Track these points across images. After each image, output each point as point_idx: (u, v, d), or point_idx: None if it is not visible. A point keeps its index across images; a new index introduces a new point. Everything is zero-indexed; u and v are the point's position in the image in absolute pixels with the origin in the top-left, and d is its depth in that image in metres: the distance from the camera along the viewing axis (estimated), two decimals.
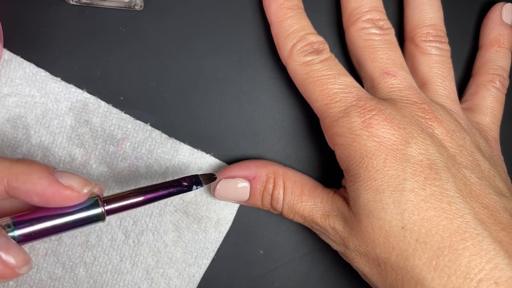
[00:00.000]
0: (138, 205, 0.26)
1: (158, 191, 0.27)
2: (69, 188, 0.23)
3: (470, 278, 0.24)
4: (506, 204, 0.27)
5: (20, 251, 0.22)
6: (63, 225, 0.24)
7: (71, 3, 0.31)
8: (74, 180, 0.24)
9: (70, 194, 0.23)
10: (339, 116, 0.28)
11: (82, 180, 0.24)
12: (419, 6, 0.33)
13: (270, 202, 0.31)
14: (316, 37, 0.30)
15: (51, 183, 0.23)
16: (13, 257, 0.22)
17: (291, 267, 0.35)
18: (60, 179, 0.23)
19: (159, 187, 0.27)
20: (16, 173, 0.23)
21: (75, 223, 0.24)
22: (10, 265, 0.22)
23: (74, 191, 0.23)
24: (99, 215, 0.25)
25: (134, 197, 0.26)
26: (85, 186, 0.24)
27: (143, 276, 0.33)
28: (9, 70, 0.30)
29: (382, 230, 0.26)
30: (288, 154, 0.34)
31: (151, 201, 0.27)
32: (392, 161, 0.26)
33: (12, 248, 0.22)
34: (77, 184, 0.24)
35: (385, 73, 0.30)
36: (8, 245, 0.22)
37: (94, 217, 0.25)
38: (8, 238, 0.22)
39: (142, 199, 0.26)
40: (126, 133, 0.32)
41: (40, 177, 0.23)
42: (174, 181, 0.28)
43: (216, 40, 0.33)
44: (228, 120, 0.33)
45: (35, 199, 0.23)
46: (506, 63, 0.35)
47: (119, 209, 0.26)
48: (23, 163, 0.24)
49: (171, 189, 0.27)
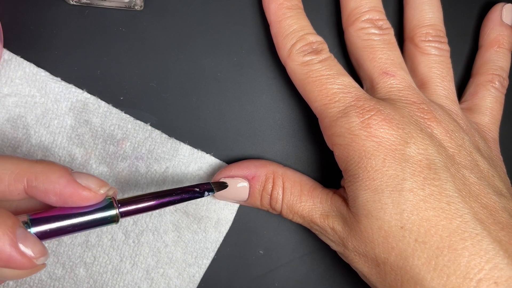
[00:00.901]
0: (151, 209, 0.27)
1: (171, 196, 0.27)
2: (86, 189, 0.24)
3: (470, 278, 0.24)
4: (505, 204, 0.27)
5: (38, 242, 0.23)
6: (78, 224, 0.24)
7: (71, 3, 0.31)
8: (92, 181, 0.24)
9: (88, 195, 0.24)
10: (338, 116, 0.28)
11: (99, 181, 0.25)
12: (419, 6, 0.33)
13: (269, 202, 0.31)
14: (315, 37, 0.30)
15: (69, 183, 0.24)
16: (31, 248, 0.22)
17: (291, 267, 0.35)
18: (78, 180, 0.24)
19: (172, 192, 0.27)
20: (36, 172, 0.24)
21: (90, 224, 0.25)
22: (28, 255, 0.22)
23: (92, 191, 0.24)
24: (113, 216, 0.25)
25: (147, 200, 0.26)
26: (101, 187, 0.25)
27: (143, 276, 0.33)
28: (9, 70, 0.30)
29: (381, 230, 0.26)
30: (288, 154, 0.34)
31: (164, 206, 0.27)
32: (391, 161, 0.26)
33: (30, 239, 0.22)
34: (94, 184, 0.24)
35: (384, 73, 0.30)
36: (26, 236, 0.22)
37: (109, 218, 0.25)
38: (25, 230, 0.23)
39: (155, 203, 0.26)
40: (126, 133, 0.32)
41: (59, 176, 0.24)
42: (188, 187, 0.28)
43: (216, 40, 0.33)
44: (228, 120, 0.33)
45: (53, 198, 0.24)
46: (505, 64, 0.35)
47: (132, 211, 0.26)
48: (42, 163, 0.24)
49: (184, 195, 0.28)
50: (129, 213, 0.26)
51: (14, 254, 0.22)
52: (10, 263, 0.22)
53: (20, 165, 0.24)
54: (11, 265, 0.22)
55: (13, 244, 0.22)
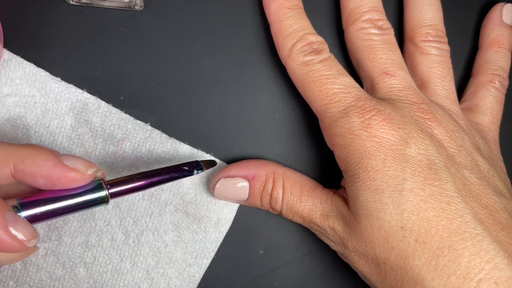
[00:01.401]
0: (140, 189, 0.27)
1: (160, 175, 0.27)
2: (74, 170, 0.24)
3: (470, 278, 0.24)
4: (505, 204, 0.27)
5: (28, 225, 0.23)
6: (68, 207, 0.24)
7: (71, 3, 0.31)
8: (79, 162, 0.24)
9: (75, 176, 0.24)
10: (338, 116, 0.28)
11: (86, 162, 0.25)
12: (419, 6, 0.33)
13: (269, 202, 0.31)
14: (315, 37, 0.30)
15: (56, 165, 0.24)
16: (21, 231, 0.22)
17: (291, 267, 0.35)
18: (65, 161, 0.24)
19: (161, 171, 0.27)
20: (22, 156, 0.24)
21: (80, 205, 0.25)
22: (19, 239, 0.22)
23: (79, 172, 0.24)
24: (103, 197, 0.25)
25: (137, 180, 0.26)
26: (89, 168, 0.25)
27: (143, 276, 0.33)
28: (9, 70, 0.30)
29: (382, 230, 0.26)
30: (288, 154, 0.34)
31: (154, 185, 0.27)
32: (391, 161, 0.26)
33: (20, 222, 0.23)
34: (82, 166, 0.24)
35: (384, 73, 0.30)
36: (16, 219, 0.22)
37: (99, 199, 0.25)
38: (15, 213, 0.23)
39: (144, 183, 0.27)
40: (126, 133, 0.32)
41: (46, 159, 0.24)
42: (176, 166, 0.28)
43: (216, 40, 0.33)
44: (228, 120, 0.33)
45: (41, 181, 0.24)
46: (505, 64, 0.35)
47: (122, 192, 0.26)
48: (28, 147, 0.24)
49: (173, 174, 0.28)
50: (119, 194, 0.26)
51: (4, 237, 0.22)
52: (1, 247, 0.22)
53: (6, 150, 0.24)
54: (2, 248, 0.22)
55: (3, 228, 0.22)
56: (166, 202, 0.33)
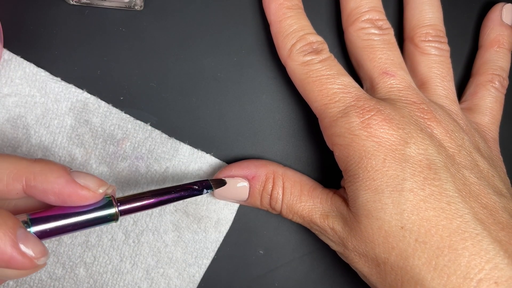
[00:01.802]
0: (150, 207, 0.27)
1: (170, 193, 0.27)
2: (85, 188, 0.24)
3: (470, 278, 0.23)
4: (505, 204, 0.27)
5: (38, 242, 0.23)
6: (77, 223, 0.24)
7: (71, 3, 0.31)
8: (90, 180, 0.24)
9: (86, 194, 0.24)
10: (338, 116, 0.28)
11: (97, 180, 0.25)
12: (419, 6, 0.33)
13: (269, 202, 0.31)
14: (315, 37, 0.30)
15: (68, 183, 0.24)
16: (31, 249, 0.22)
17: (291, 267, 0.35)
18: (77, 179, 0.24)
19: (171, 190, 0.27)
20: (35, 172, 0.24)
21: (89, 222, 0.25)
22: (29, 256, 0.22)
23: (90, 190, 0.24)
24: (112, 215, 0.25)
25: (147, 199, 0.26)
26: (100, 187, 0.24)
27: (143, 276, 0.33)
28: (9, 70, 0.30)
29: (382, 230, 0.26)
30: (288, 154, 0.34)
31: (163, 204, 0.27)
32: (391, 161, 0.26)
33: (30, 240, 0.22)
34: (93, 184, 0.24)
35: (384, 73, 0.30)
36: (26, 237, 0.22)
37: (108, 217, 0.25)
38: (26, 230, 0.23)
39: (154, 201, 0.26)
40: (126, 133, 0.32)
41: (58, 176, 0.24)
42: (186, 185, 0.28)
43: (216, 40, 0.33)
44: (228, 120, 0.33)
45: (52, 198, 0.24)
46: (505, 64, 0.35)
47: (132, 210, 0.26)
48: (41, 163, 0.24)
49: (183, 193, 0.28)
50: (129, 211, 0.26)
51: (15, 255, 0.22)
52: (11, 264, 0.22)
53: (19, 165, 0.24)
54: (12, 265, 0.22)
55: (14, 245, 0.22)
56: None
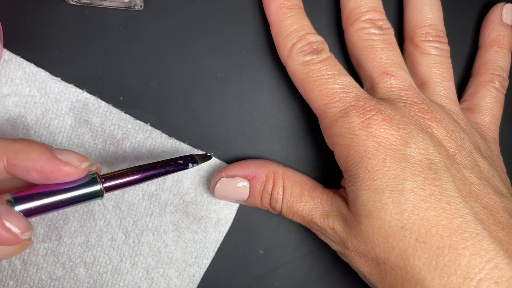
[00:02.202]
0: (135, 183, 0.27)
1: (155, 169, 0.27)
2: (67, 164, 0.24)
3: (470, 278, 0.23)
4: (505, 204, 0.27)
5: (21, 217, 0.23)
6: (62, 201, 0.24)
7: (71, 3, 0.31)
8: (72, 156, 0.24)
9: (69, 170, 0.24)
10: (338, 116, 0.28)
11: (80, 156, 0.25)
12: (419, 6, 0.33)
13: (269, 202, 0.31)
14: (315, 37, 0.30)
15: (50, 159, 0.24)
16: (14, 224, 0.22)
17: (291, 267, 0.35)
18: (59, 155, 0.24)
19: (156, 165, 0.27)
20: (15, 150, 0.24)
21: (74, 199, 0.25)
22: (13, 231, 0.22)
23: (73, 166, 0.24)
24: (98, 191, 0.25)
25: (131, 174, 0.26)
26: (83, 162, 0.25)
27: (143, 276, 0.33)
28: (9, 70, 0.30)
29: (382, 230, 0.26)
30: (288, 154, 0.34)
31: (149, 179, 0.27)
32: (392, 161, 0.26)
33: (13, 215, 0.23)
34: (75, 160, 0.24)
35: (384, 73, 0.30)
36: (9, 212, 0.23)
37: (93, 193, 0.25)
38: (8, 206, 0.23)
39: (139, 177, 0.26)
40: (126, 133, 0.32)
41: (39, 153, 0.24)
42: (171, 160, 0.28)
43: (216, 40, 0.33)
44: (228, 120, 0.33)
45: (34, 175, 0.24)
46: (505, 64, 0.35)
47: (117, 186, 0.26)
48: (21, 141, 0.24)
49: (168, 167, 0.28)
50: (114, 188, 0.26)
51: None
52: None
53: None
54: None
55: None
56: (166, 202, 0.33)
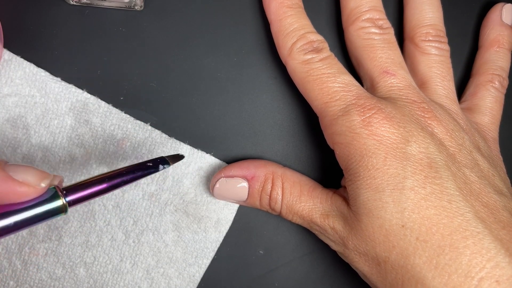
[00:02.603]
0: (102, 193, 0.24)
1: (122, 175, 0.24)
2: (24, 184, 0.21)
3: (471, 277, 0.23)
4: (505, 203, 0.27)
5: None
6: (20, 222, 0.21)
7: (71, 3, 0.31)
8: (30, 173, 0.22)
9: (26, 191, 0.21)
10: (338, 114, 0.28)
11: (38, 172, 0.22)
12: (419, 6, 0.33)
13: (268, 203, 0.31)
14: (316, 36, 0.30)
15: (3, 180, 0.21)
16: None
17: (291, 267, 0.35)
18: (13, 174, 0.21)
19: (123, 171, 0.25)
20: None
21: (34, 219, 0.22)
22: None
23: (30, 186, 0.21)
24: (60, 207, 0.22)
25: (97, 184, 0.24)
26: (42, 180, 0.22)
27: (143, 276, 0.33)
28: (9, 70, 0.30)
29: (382, 228, 0.26)
30: (288, 154, 0.34)
31: (117, 187, 0.24)
32: (392, 160, 0.26)
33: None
34: (33, 178, 0.22)
35: (384, 72, 0.30)
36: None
37: (56, 210, 0.22)
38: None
39: (106, 186, 0.24)
40: (126, 133, 0.32)
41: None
42: (139, 164, 0.26)
43: (216, 40, 0.33)
44: (228, 120, 0.33)
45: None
46: (505, 64, 0.35)
47: (82, 198, 0.23)
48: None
49: (136, 172, 0.25)
50: (78, 201, 0.23)
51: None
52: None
53: None
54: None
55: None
56: (166, 202, 0.33)
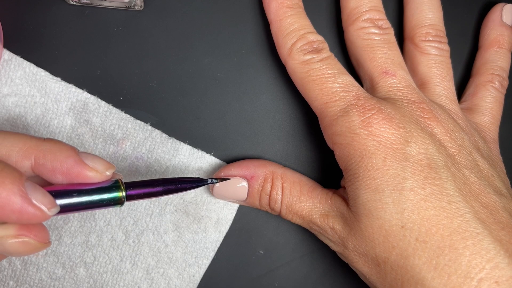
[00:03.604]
0: (156, 195, 0.26)
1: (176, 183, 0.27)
2: (93, 169, 0.24)
3: (471, 277, 0.23)
4: (505, 204, 0.27)
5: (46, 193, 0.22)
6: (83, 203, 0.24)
7: (71, 3, 0.31)
8: (98, 162, 0.24)
9: (94, 175, 0.24)
10: (338, 115, 0.28)
11: (105, 162, 0.25)
12: (419, 6, 0.33)
13: (268, 202, 0.31)
14: (316, 36, 0.30)
15: (77, 163, 0.24)
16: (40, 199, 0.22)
17: (291, 267, 0.35)
18: (85, 160, 0.24)
19: (177, 180, 0.27)
20: (44, 150, 0.24)
21: (95, 203, 0.24)
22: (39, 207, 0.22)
23: (98, 172, 0.24)
24: (119, 197, 0.25)
25: (154, 186, 0.26)
26: (108, 169, 0.25)
27: (143, 276, 0.33)
28: (9, 70, 0.30)
29: (382, 229, 0.26)
30: (288, 154, 0.34)
31: (170, 193, 0.27)
32: (392, 160, 0.26)
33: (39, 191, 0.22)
34: (101, 166, 0.24)
35: (384, 73, 0.30)
36: (34, 187, 0.22)
37: (116, 199, 0.25)
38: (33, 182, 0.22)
39: (161, 189, 0.26)
40: (126, 133, 0.32)
41: (67, 156, 0.24)
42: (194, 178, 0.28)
43: (216, 40, 0.33)
44: (228, 120, 0.33)
45: (59, 177, 0.24)
46: (505, 64, 0.35)
47: (139, 195, 0.26)
48: (51, 142, 0.24)
49: (190, 184, 0.28)
50: (135, 197, 0.26)
51: (25, 206, 0.21)
52: (23, 216, 0.22)
53: (29, 142, 0.24)
54: (24, 218, 0.22)
55: (24, 196, 0.21)
56: (166, 202, 0.33)
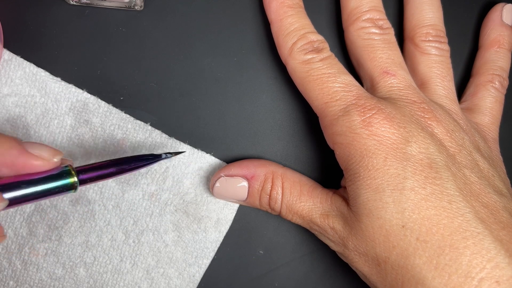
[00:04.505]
0: (110, 176, 0.26)
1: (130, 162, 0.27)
2: (39, 158, 0.23)
3: (471, 277, 0.23)
4: (505, 204, 0.27)
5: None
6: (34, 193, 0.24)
7: (71, 3, 0.31)
8: (44, 149, 0.24)
9: (41, 164, 0.23)
10: (339, 114, 0.28)
11: (51, 149, 0.24)
12: (419, 6, 0.33)
13: (268, 202, 0.31)
14: (316, 36, 0.30)
15: (20, 153, 0.23)
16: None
17: (291, 267, 0.35)
18: (30, 149, 0.24)
19: (130, 158, 0.27)
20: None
21: (47, 192, 0.24)
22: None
23: (45, 160, 0.24)
24: (72, 183, 0.25)
25: (106, 168, 0.26)
26: (55, 155, 0.24)
27: (143, 276, 0.33)
28: (9, 70, 0.30)
29: (382, 229, 0.26)
30: (288, 154, 0.34)
31: (123, 172, 0.27)
32: (392, 160, 0.26)
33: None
34: (47, 153, 0.24)
35: (384, 73, 0.30)
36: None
37: (68, 185, 0.25)
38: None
39: (114, 170, 0.26)
40: (126, 133, 0.32)
41: (9, 147, 0.23)
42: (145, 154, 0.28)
43: (216, 40, 0.33)
44: (228, 120, 0.33)
45: (4, 170, 0.23)
46: (505, 64, 0.35)
47: (91, 178, 0.26)
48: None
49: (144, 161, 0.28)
50: (88, 181, 0.26)
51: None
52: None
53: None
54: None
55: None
56: (166, 202, 0.33)
